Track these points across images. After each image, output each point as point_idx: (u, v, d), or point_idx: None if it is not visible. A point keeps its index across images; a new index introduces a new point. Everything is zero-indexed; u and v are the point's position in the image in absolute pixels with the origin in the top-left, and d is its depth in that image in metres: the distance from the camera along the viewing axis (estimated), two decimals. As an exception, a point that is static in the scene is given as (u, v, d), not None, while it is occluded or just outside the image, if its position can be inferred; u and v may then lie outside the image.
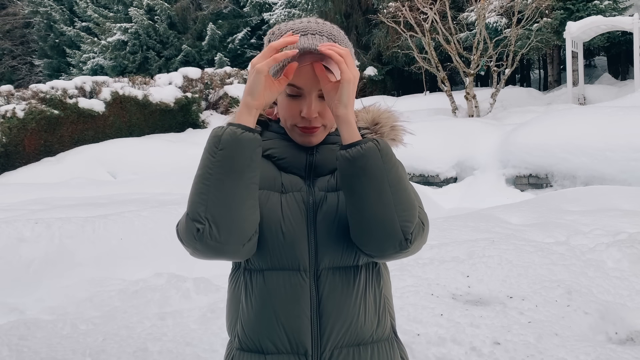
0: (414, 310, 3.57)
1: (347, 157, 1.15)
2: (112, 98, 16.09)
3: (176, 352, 3.28)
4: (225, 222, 1.12)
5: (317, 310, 1.23)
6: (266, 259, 1.23)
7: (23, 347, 3.37)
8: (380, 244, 1.17)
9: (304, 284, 1.22)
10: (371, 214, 1.15)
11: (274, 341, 1.23)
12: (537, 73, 28.17)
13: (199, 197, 1.13)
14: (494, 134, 11.12)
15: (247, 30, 27.28)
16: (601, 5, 16.76)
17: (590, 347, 3.10)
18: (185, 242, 1.16)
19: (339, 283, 1.24)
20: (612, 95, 15.48)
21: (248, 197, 1.14)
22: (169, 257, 5.05)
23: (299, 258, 1.22)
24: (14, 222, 5.20)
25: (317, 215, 1.24)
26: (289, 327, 1.22)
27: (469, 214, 7.11)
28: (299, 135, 1.27)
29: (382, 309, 1.30)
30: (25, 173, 12.97)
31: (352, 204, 1.17)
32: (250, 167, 1.13)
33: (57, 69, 31.27)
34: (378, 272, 1.31)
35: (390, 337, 1.33)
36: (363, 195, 1.15)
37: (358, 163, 1.14)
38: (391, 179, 1.15)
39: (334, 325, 1.23)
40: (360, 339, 1.26)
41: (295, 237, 1.22)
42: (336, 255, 1.24)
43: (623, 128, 9.29)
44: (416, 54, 15.95)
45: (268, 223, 1.22)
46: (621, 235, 5.00)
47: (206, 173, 1.13)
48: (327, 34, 1.23)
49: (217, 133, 1.13)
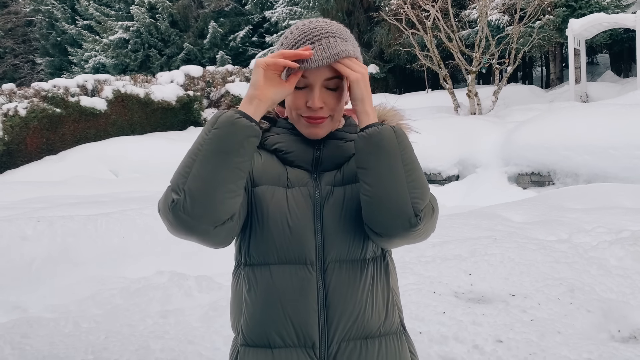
0: (416, 308, 3.57)
1: (363, 135, 1.19)
2: (114, 96, 16.10)
3: (178, 350, 3.28)
4: (200, 197, 1.12)
5: (325, 303, 1.24)
6: (273, 253, 1.24)
7: (25, 345, 3.37)
8: (391, 220, 1.18)
9: (310, 277, 1.24)
10: (383, 189, 1.17)
11: (281, 335, 1.24)
12: (540, 71, 28.12)
13: (182, 169, 1.15)
14: (496, 131, 11.10)
15: (248, 28, 27.27)
16: (604, 2, 16.71)
17: (593, 345, 3.09)
18: (162, 213, 1.17)
19: (346, 276, 1.25)
20: (614, 92, 15.44)
21: (229, 180, 1.14)
22: (171, 255, 5.05)
23: (305, 252, 1.24)
24: (16, 220, 5.21)
25: (323, 209, 1.26)
26: (296, 320, 1.23)
27: (471, 212, 7.10)
28: (305, 126, 1.29)
29: (391, 302, 1.32)
30: (28, 171, 12.98)
31: (366, 181, 1.19)
32: (239, 152, 1.14)
33: (59, 68, 31.29)
34: (387, 266, 1.32)
35: (398, 330, 1.34)
36: (377, 170, 1.17)
37: (373, 139, 1.18)
38: (405, 157, 1.19)
39: (341, 318, 1.24)
40: (368, 332, 1.27)
41: (302, 231, 1.24)
42: (343, 249, 1.25)
43: (626, 126, 9.26)
44: (418, 51, 15.92)
45: (274, 217, 1.24)
46: (624, 233, 4.99)
47: (196, 149, 1.15)
48: (338, 34, 1.26)
49: (216, 114, 1.18)
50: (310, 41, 1.24)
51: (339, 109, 1.29)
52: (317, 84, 1.25)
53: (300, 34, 1.26)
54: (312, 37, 1.24)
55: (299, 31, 1.27)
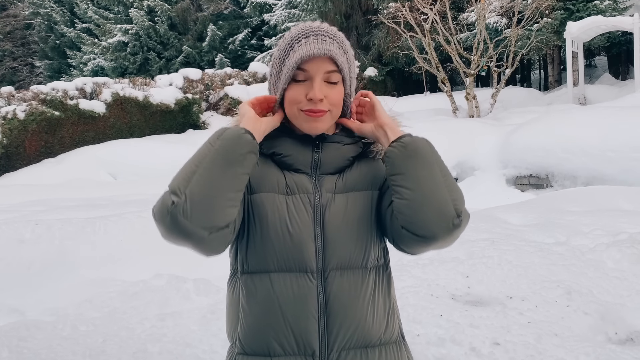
0: (414, 311, 3.57)
1: (399, 145, 1.22)
2: (113, 99, 16.09)
3: (176, 353, 3.28)
4: (201, 201, 1.13)
5: (325, 311, 1.23)
6: (273, 260, 1.24)
7: (23, 349, 3.37)
8: (435, 221, 1.18)
9: (311, 285, 1.23)
10: (425, 193, 1.19)
11: (281, 343, 1.23)
12: (538, 73, 28.17)
13: (184, 174, 1.16)
14: (495, 134, 11.11)
15: (247, 31, 27.29)
16: (601, 5, 16.74)
17: (590, 348, 3.09)
18: (157, 217, 1.17)
19: (347, 284, 1.24)
20: (612, 95, 15.46)
21: (230, 189, 1.16)
22: (169, 258, 5.05)
23: (306, 259, 1.23)
24: (14, 223, 5.21)
25: (324, 217, 1.25)
26: (296, 328, 1.22)
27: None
28: (304, 120, 1.27)
29: (391, 311, 1.31)
30: (26, 174, 12.97)
31: (404, 185, 1.20)
32: (242, 163, 1.17)
33: (57, 71, 31.31)
34: (389, 275, 1.32)
35: (398, 340, 1.33)
36: (416, 174, 1.20)
37: (410, 147, 1.21)
38: (440, 163, 1.23)
39: (341, 327, 1.24)
40: (368, 341, 1.26)
41: (302, 239, 1.23)
42: (344, 257, 1.25)
43: (623, 128, 9.28)
44: (416, 54, 15.94)
45: (274, 225, 1.23)
46: (621, 235, 5.00)
47: (200, 157, 1.17)
48: (335, 35, 1.30)
49: (222, 128, 1.22)
50: (306, 35, 1.27)
51: (338, 104, 1.29)
52: (318, 76, 1.25)
53: (298, 31, 1.29)
54: (307, 32, 1.27)
55: (297, 29, 1.30)
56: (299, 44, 1.26)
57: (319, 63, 1.25)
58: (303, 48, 1.25)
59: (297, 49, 1.26)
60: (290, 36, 1.29)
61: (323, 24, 1.31)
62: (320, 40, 1.25)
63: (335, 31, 1.30)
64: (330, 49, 1.25)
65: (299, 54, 1.24)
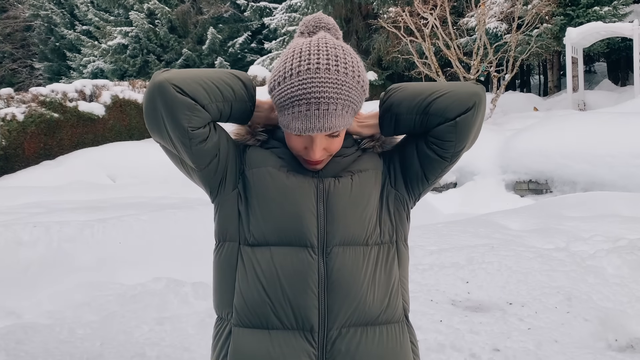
0: (413, 317, 3.56)
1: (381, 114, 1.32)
2: (112, 102, 16.09)
3: (174, 357, 3.26)
4: (194, 79, 1.17)
5: (325, 287, 1.23)
6: (274, 234, 1.24)
7: (20, 352, 3.35)
8: (454, 99, 1.25)
9: (312, 260, 1.23)
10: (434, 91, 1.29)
11: (279, 316, 1.23)
12: (537, 79, 28.21)
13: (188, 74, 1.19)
14: (494, 139, 11.12)
15: (247, 34, 27.30)
16: (601, 11, 16.77)
17: (590, 354, 3.08)
18: (149, 89, 1.17)
19: (349, 261, 1.24)
20: (612, 101, 15.49)
21: (224, 89, 1.20)
22: (168, 262, 5.04)
23: (306, 234, 1.23)
24: (13, 225, 5.19)
25: (328, 192, 1.25)
26: (295, 303, 1.22)
27: (468, 220, 7.10)
28: (303, 162, 1.28)
29: (394, 291, 1.30)
30: (25, 176, 12.94)
31: (402, 103, 1.30)
32: (244, 98, 1.24)
33: (57, 73, 31.30)
34: (394, 254, 1.31)
35: (401, 320, 1.33)
36: (404, 96, 1.31)
37: (386, 106, 1.31)
38: (413, 87, 1.35)
39: (343, 304, 1.23)
40: (369, 319, 1.26)
41: (303, 213, 1.23)
42: (348, 234, 1.24)
43: (623, 134, 9.29)
44: (416, 59, 15.96)
45: (275, 198, 1.24)
46: (621, 241, 4.99)
47: (213, 73, 1.22)
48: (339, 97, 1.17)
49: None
50: (307, 102, 1.15)
51: (338, 148, 1.27)
52: (318, 138, 1.21)
53: (298, 87, 1.16)
54: (309, 99, 1.14)
55: (297, 82, 1.16)
56: (298, 109, 1.15)
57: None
58: (302, 123, 1.15)
59: (295, 117, 1.16)
60: (287, 88, 1.17)
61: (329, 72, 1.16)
62: (322, 111, 1.15)
63: (348, 67, 1.18)
64: (332, 124, 1.16)
65: (295, 128, 1.17)
